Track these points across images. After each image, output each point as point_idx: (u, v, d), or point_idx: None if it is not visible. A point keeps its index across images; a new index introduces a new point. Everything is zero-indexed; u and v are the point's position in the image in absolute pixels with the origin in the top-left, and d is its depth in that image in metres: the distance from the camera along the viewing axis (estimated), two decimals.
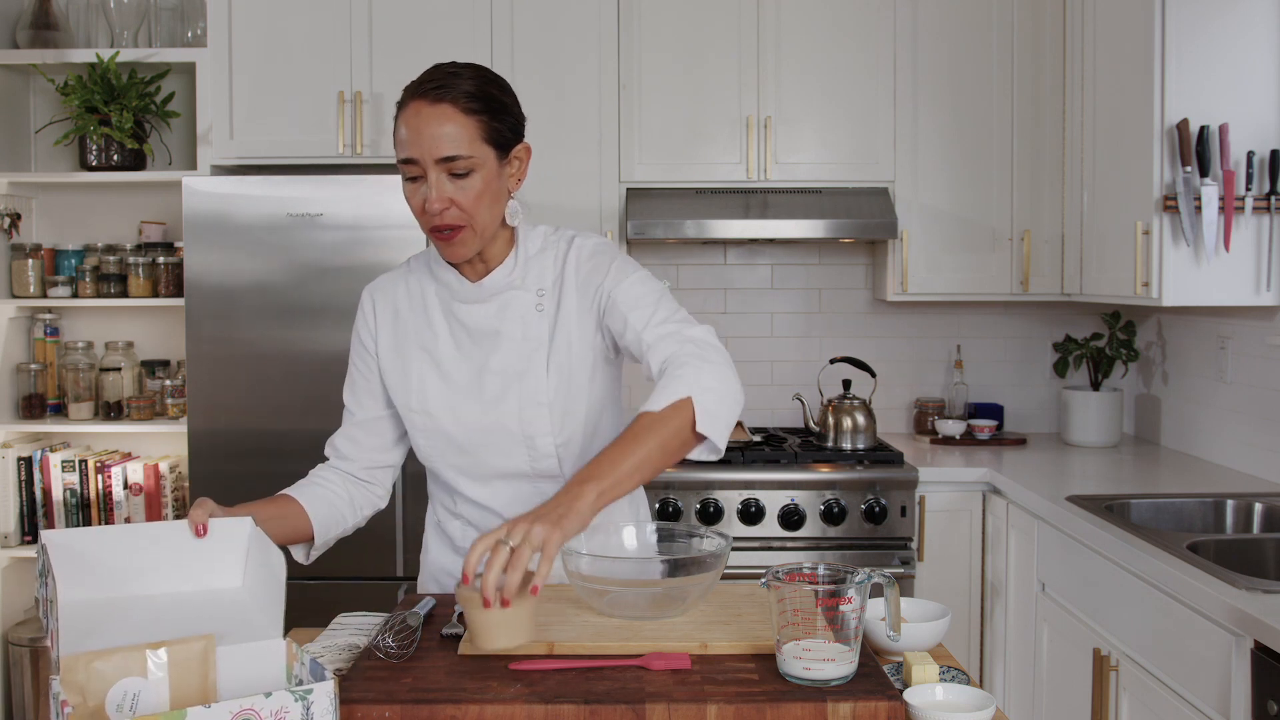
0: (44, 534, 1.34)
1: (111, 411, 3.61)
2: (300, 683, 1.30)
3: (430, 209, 1.62)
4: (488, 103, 1.66)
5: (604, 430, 1.82)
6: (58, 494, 3.55)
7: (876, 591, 1.45)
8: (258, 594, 1.40)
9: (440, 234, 1.65)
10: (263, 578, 1.43)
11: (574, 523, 1.41)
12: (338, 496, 1.81)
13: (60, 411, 3.66)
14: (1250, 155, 2.75)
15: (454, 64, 1.70)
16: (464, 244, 1.67)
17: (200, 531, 1.47)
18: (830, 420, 3.43)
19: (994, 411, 3.80)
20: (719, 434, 1.56)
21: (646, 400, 1.56)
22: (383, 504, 1.88)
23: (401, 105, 1.68)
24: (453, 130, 1.62)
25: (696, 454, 1.59)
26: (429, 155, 1.62)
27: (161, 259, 3.59)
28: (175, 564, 1.43)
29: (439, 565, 1.90)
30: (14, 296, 3.59)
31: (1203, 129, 2.75)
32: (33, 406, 3.62)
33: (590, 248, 1.77)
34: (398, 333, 1.81)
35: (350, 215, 3.13)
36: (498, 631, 1.36)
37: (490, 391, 1.75)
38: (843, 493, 3.16)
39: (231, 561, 1.46)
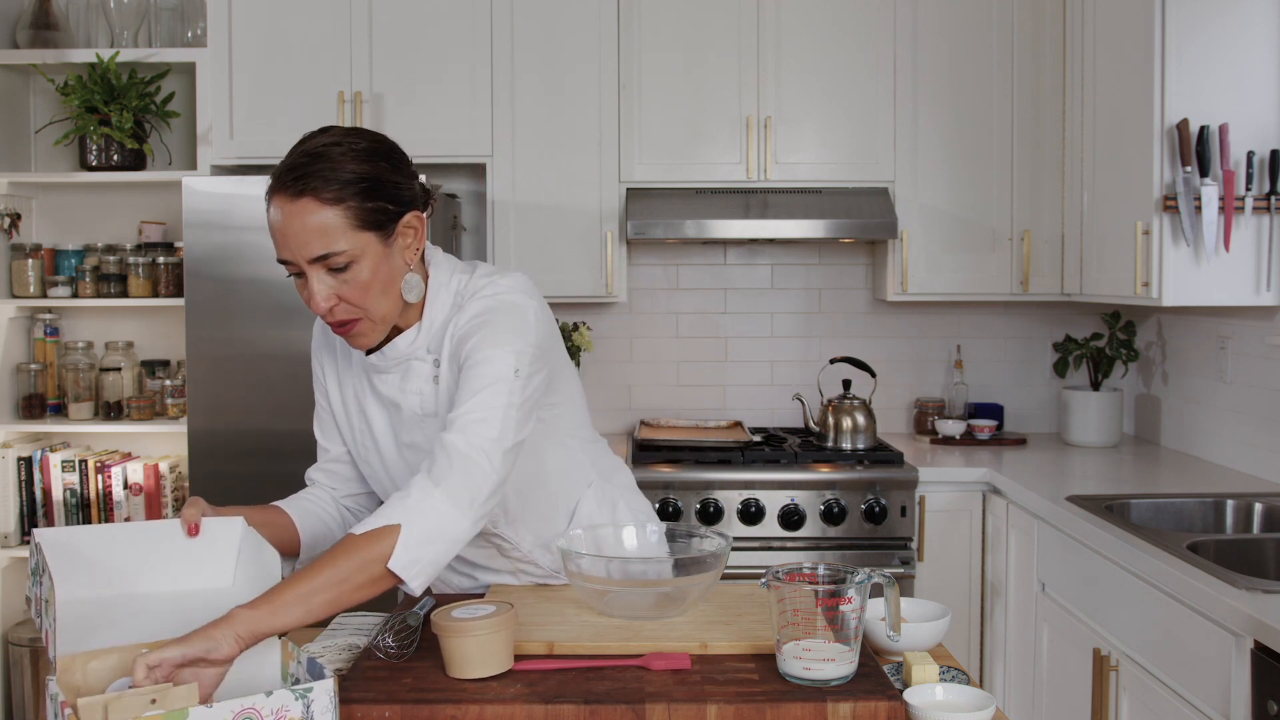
0: (37, 533, 1.33)
1: (111, 411, 3.61)
2: (297, 682, 1.30)
3: (317, 309, 1.50)
4: (357, 184, 1.48)
5: (549, 468, 1.73)
6: (58, 494, 3.55)
7: (876, 591, 1.45)
8: (250, 593, 1.40)
9: (338, 329, 1.54)
10: (255, 575, 1.43)
11: (219, 657, 1.23)
12: (327, 513, 1.78)
13: (60, 411, 3.66)
14: (1250, 155, 2.75)
15: (320, 138, 1.51)
16: (364, 335, 1.55)
17: (192, 530, 1.46)
18: (830, 420, 3.43)
19: (994, 411, 3.80)
20: (413, 576, 1.39)
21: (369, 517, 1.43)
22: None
23: (267, 196, 1.50)
24: (319, 225, 1.45)
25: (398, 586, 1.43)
26: (300, 256, 1.47)
27: (161, 259, 3.59)
28: (168, 563, 1.43)
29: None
30: (14, 296, 3.59)
31: (1203, 129, 2.75)
32: (33, 406, 3.62)
33: (471, 313, 1.58)
34: (340, 382, 1.74)
35: None
36: (474, 662, 1.35)
37: (409, 461, 1.68)
38: (843, 493, 3.16)
39: (224, 561, 1.46)
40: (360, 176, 1.48)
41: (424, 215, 1.58)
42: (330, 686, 1.18)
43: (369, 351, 1.64)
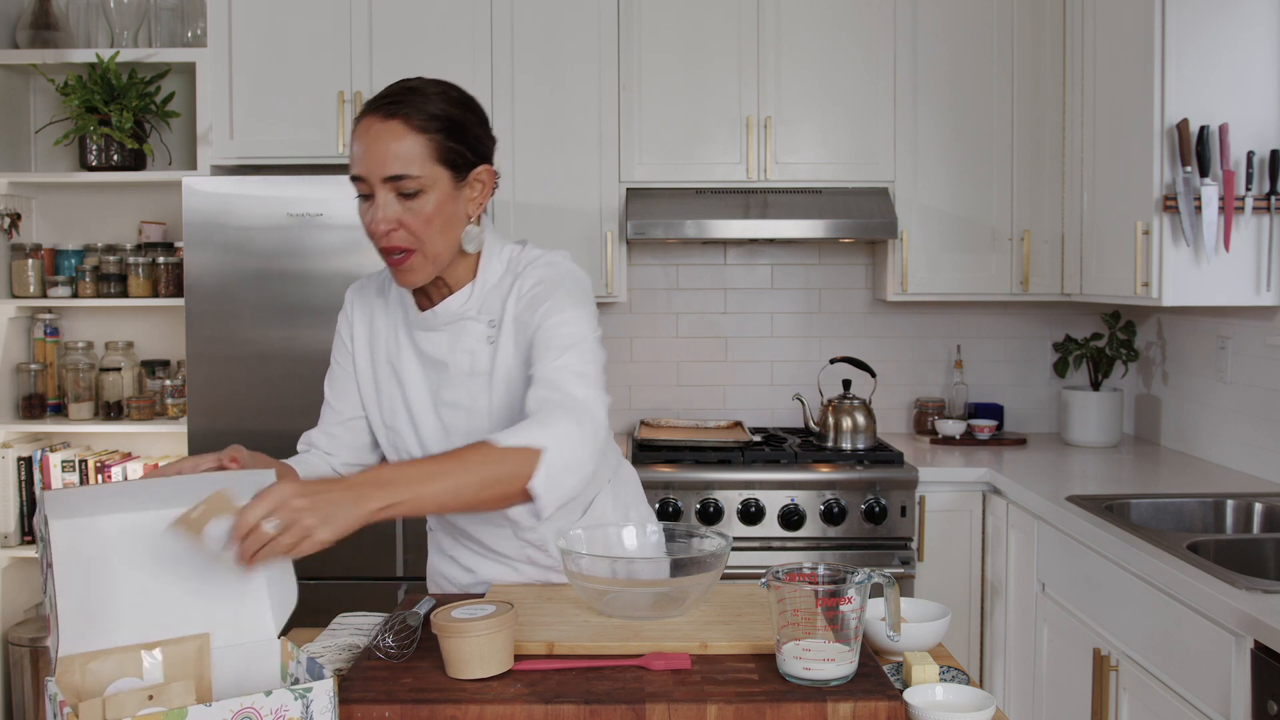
0: (45, 494, 1.27)
1: (111, 411, 3.61)
2: (297, 681, 1.30)
3: (375, 229, 1.56)
4: (445, 121, 1.57)
5: None
6: None
7: (876, 591, 1.45)
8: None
9: (390, 257, 1.59)
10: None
11: (341, 528, 1.27)
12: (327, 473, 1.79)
13: (60, 411, 3.66)
14: (1250, 155, 2.75)
15: (419, 79, 1.62)
16: (414, 270, 1.59)
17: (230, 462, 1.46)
18: (830, 420, 3.43)
19: (994, 411, 3.80)
20: (549, 500, 1.43)
21: (501, 432, 1.44)
22: None
23: (356, 120, 1.59)
24: (402, 148, 1.54)
25: (515, 512, 1.48)
26: (376, 173, 1.54)
27: (161, 259, 3.59)
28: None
29: (436, 570, 1.91)
30: (14, 296, 3.59)
31: (1203, 129, 2.75)
32: (33, 406, 3.62)
33: (535, 278, 1.66)
34: (372, 344, 1.78)
35: (350, 215, 3.11)
36: (474, 662, 1.35)
37: (445, 421, 1.71)
38: (843, 493, 3.16)
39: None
40: (449, 116, 1.58)
41: (495, 173, 1.65)
42: (330, 687, 1.18)
43: (422, 309, 1.69)
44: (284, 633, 1.37)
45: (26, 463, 3.56)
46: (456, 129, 1.58)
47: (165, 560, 1.30)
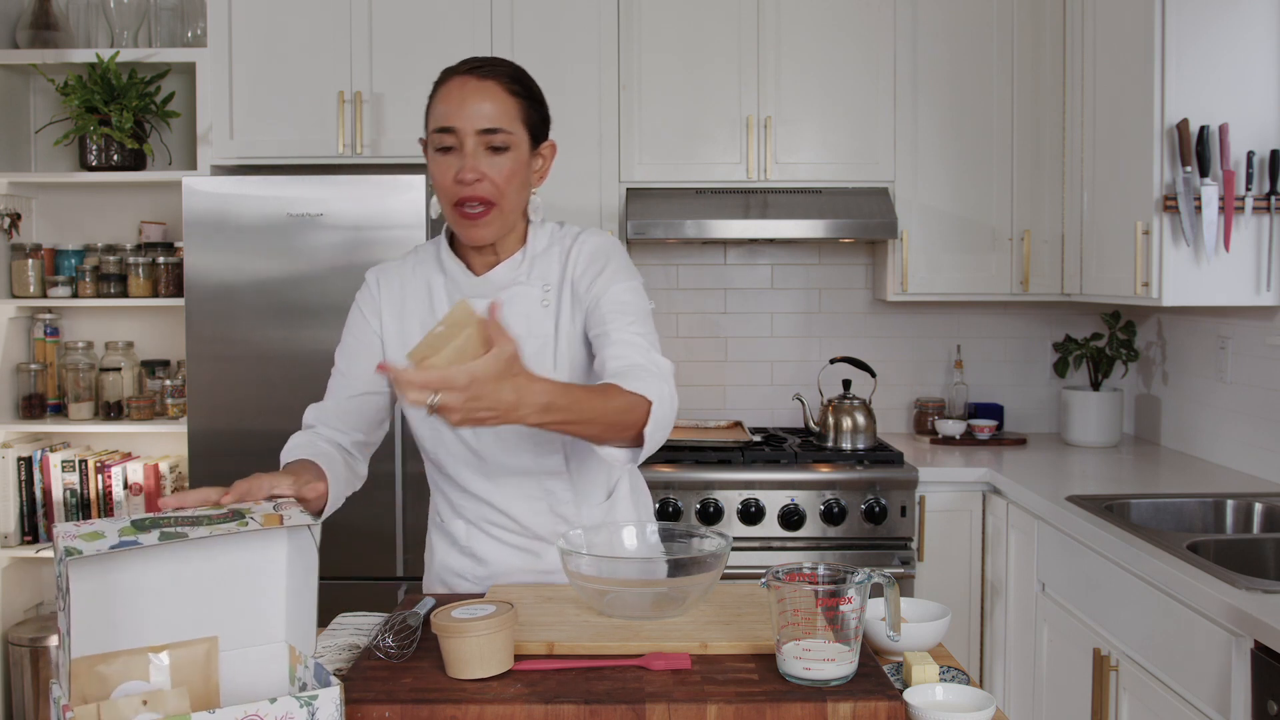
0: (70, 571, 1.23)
1: (111, 411, 3.61)
2: (304, 686, 1.29)
3: (464, 177, 1.63)
4: (528, 89, 1.70)
5: None
6: (58, 494, 3.55)
7: (876, 591, 1.45)
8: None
9: (467, 210, 1.65)
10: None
11: (516, 422, 1.36)
12: (340, 472, 1.72)
13: (60, 411, 3.66)
14: (1250, 155, 2.75)
15: (492, 55, 1.75)
16: (489, 224, 1.67)
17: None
18: (830, 420, 3.43)
19: (994, 411, 3.80)
20: (649, 446, 1.55)
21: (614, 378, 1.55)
22: (359, 485, 1.80)
23: (441, 82, 1.68)
24: (496, 105, 1.64)
25: (610, 451, 1.55)
26: (470, 125, 1.63)
27: (161, 259, 3.59)
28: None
29: (445, 566, 1.90)
30: (14, 296, 3.59)
31: (1203, 129, 2.75)
32: (33, 406, 3.62)
33: (592, 247, 1.77)
34: (404, 321, 1.79)
35: (350, 215, 3.13)
36: (474, 662, 1.35)
37: None
38: (843, 493, 3.16)
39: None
40: (531, 87, 1.71)
41: (555, 149, 1.76)
42: (336, 695, 1.17)
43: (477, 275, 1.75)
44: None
45: (26, 463, 3.56)
46: (536, 99, 1.71)
47: (179, 564, 1.29)
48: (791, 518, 3.15)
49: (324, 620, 1.71)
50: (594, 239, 1.79)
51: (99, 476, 3.56)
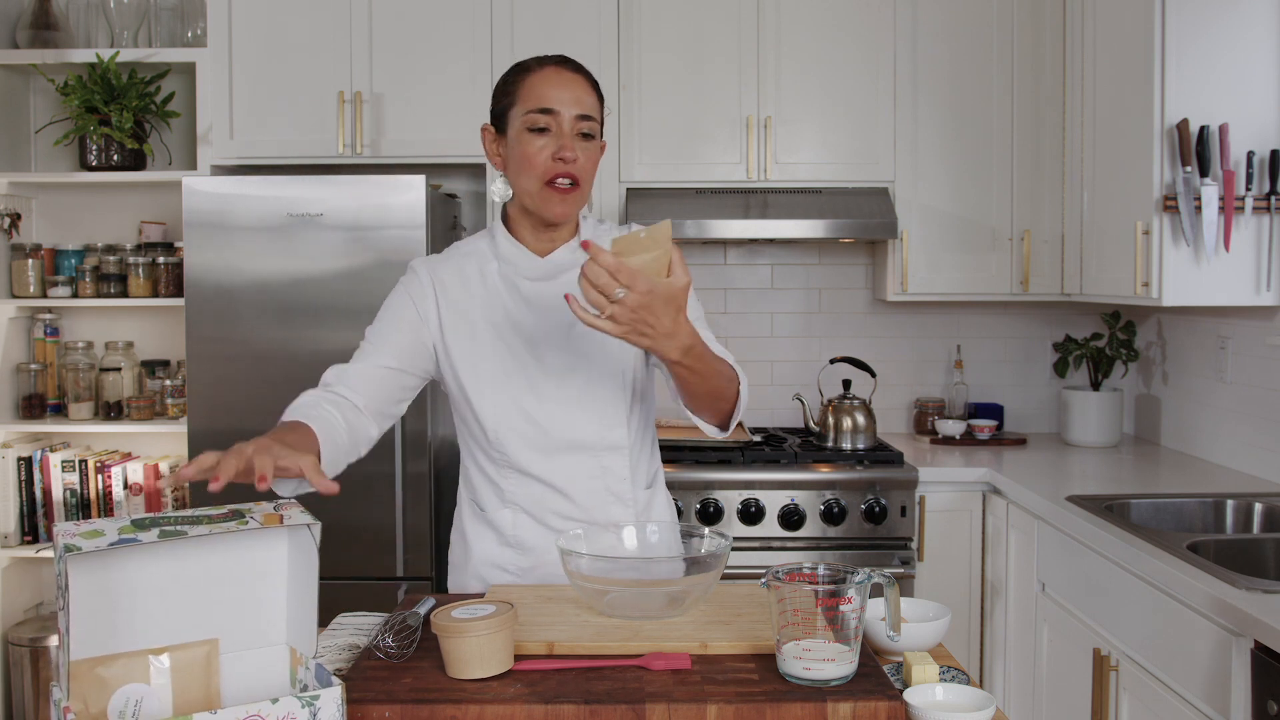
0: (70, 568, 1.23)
1: (111, 411, 3.61)
2: (305, 688, 1.29)
3: (564, 155, 1.73)
4: (600, 91, 1.83)
5: (647, 412, 1.93)
6: (58, 494, 3.55)
7: (876, 591, 1.45)
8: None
9: (558, 187, 1.75)
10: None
11: (662, 351, 1.51)
12: (341, 439, 1.71)
13: (60, 411, 3.66)
14: (1250, 155, 2.75)
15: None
16: (574, 202, 1.78)
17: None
18: (830, 420, 3.43)
19: (994, 411, 3.80)
20: (735, 420, 1.76)
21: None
22: (365, 450, 1.79)
23: (529, 69, 1.79)
24: (588, 96, 1.78)
25: (705, 421, 1.74)
26: (571, 109, 1.75)
27: (161, 259, 3.59)
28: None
29: (485, 559, 1.90)
30: (14, 296, 3.59)
31: (1203, 129, 2.75)
32: (33, 406, 3.62)
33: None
34: (464, 307, 1.84)
35: (350, 215, 3.13)
36: (474, 662, 1.35)
37: (564, 362, 1.81)
38: (843, 493, 3.16)
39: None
40: (600, 88, 1.84)
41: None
42: (338, 695, 1.17)
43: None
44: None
45: (26, 463, 3.56)
46: (604, 103, 1.84)
47: (179, 564, 1.29)
48: (791, 518, 3.15)
49: (324, 620, 1.71)
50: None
51: (99, 476, 3.56)
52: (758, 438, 3.56)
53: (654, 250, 1.42)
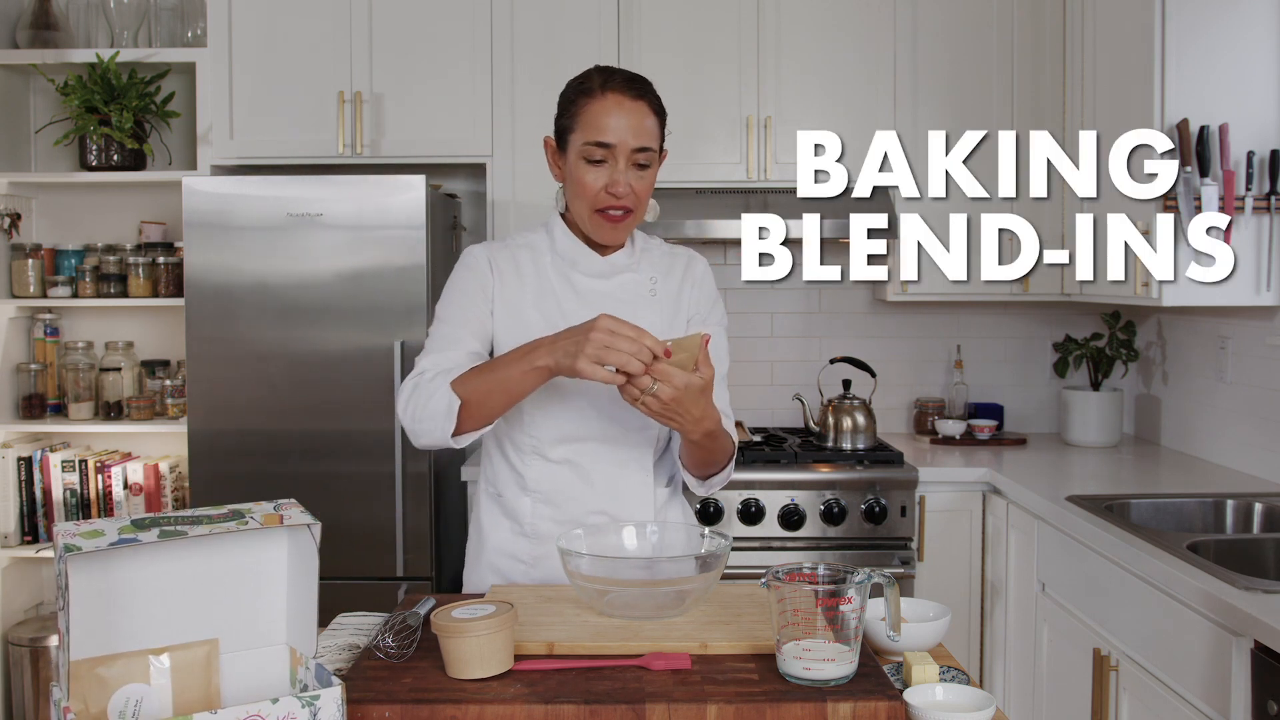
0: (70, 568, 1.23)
1: (111, 411, 3.61)
2: (305, 687, 1.29)
3: (618, 191, 1.77)
4: (663, 108, 1.85)
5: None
6: (58, 494, 3.55)
7: (876, 591, 1.45)
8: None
9: (611, 216, 1.80)
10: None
11: (686, 433, 1.68)
12: None
13: (60, 411, 3.66)
14: (1250, 155, 2.75)
15: (623, 69, 1.87)
16: (627, 228, 1.84)
17: None
18: (830, 420, 3.43)
19: (994, 411, 3.80)
20: (715, 488, 1.91)
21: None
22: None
23: (591, 92, 1.79)
24: (648, 126, 1.80)
25: (690, 474, 1.87)
26: (627, 144, 1.77)
27: (161, 259, 3.59)
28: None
29: (502, 551, 1.91)
30: (14, 296, 3.59)
31: (1203, 129, 2.75)
32: (33, 406, 3.62)
33: (704, 270, 2.01)
34: (518, 292, 1.88)
35: (350, 215, 3.13)
36: (474, 662, 1.35)
37: None
38: (843, 493, 3.16)
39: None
40: (664, 107, 1.86)
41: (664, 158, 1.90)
42: (338, 695, 1.17)
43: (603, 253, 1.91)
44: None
45: (26, 463, 3.56)
46: (665, 119, 1.85)
47: (179, 564, 1.29)
48: (791, 518, 3.15)
49: (324, 620, 1.71)
50: (704, 266, 2.02)
51: (99, 476, 3.56)
52: (758, 438, 3.56)
53: (687, 350, 1.62)
